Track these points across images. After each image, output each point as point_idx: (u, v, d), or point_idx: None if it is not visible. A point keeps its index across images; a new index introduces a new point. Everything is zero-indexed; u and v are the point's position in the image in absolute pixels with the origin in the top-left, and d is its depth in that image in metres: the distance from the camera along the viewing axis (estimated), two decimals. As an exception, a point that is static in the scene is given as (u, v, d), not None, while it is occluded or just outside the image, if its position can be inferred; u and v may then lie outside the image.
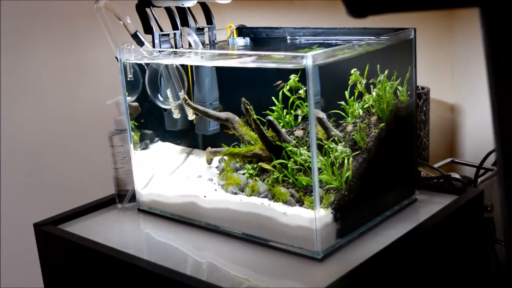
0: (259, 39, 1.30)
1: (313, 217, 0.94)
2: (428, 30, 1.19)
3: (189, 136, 1.23)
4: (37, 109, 1.42)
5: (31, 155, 1.42)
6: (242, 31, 1.32)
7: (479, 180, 1.35)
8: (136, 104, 1.21)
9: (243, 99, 1.04)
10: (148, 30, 1.16)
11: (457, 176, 1.22)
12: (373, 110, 1.04)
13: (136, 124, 1.21)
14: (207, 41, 1.26)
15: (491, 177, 1.36)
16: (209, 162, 1.15)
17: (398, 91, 1.08)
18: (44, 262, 1.18)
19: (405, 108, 1.10)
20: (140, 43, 1.15)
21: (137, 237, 1.14)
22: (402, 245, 0.99)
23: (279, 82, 1.03)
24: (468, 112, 1.57)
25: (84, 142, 1.49)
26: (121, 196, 1.23)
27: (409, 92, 1.10)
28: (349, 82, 1.01)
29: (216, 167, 1.15)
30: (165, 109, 1.21)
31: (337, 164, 0.97)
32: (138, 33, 1.15)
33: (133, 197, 1.22)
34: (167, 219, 1.17)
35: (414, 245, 1.02)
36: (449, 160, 1.46)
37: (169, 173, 1.20)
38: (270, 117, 1.02)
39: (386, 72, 1.04)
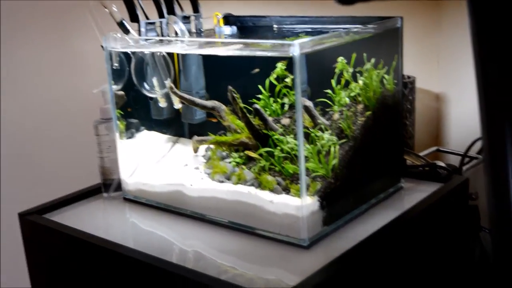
0: (246, 27, 1.30)
1: (299, 205, 0.94)
2: (415, 19, 1.19)
3: (175, 125, 1.22)
4: (22, 98, 1.41)
5: (15, 144, 1.41)
6: (228, 19, 1.31)
7: (464, 168, 1.35)
8: (122, 92, 1.20)
9: (230, 88, 1.04)
10: (134, 18, 1.16)
11: (442, 164, 1.22)
12: (360, 99, 1.04)
13: (122, 113, 1.20)
14: (193, 30, 1.25)
15: (476, 165, 1.37)
16: (196, 150, 1.15)
17: (384, 80, 1.08)
18: (30, 252, 1.18)
19: (391, 97, 1.10)
20: (126, 32, 1.15)
21: (123, 226, 1.14)
22: (388, 232, 1.00)
23: (256, 70, 1.03)
24: (453, 101, 1.58)
25: (70, 131, 1.48)
26: (107, 185, 1.23)
27: (395, 81, 1.10)
28: (336, 70, 1.01)
29: (203, 156, 1.15)
30: (151, 98, 1.20)
31: (324, 152, 0.97)
32: (124, 21, 1.14)
33: (118, 186, 1.22)
34: (153, 208, 1.16)
35: (400, 232, 1.03)
36: (434, 148, 1.46)
37: (155, 162, 1.20)
38: (256, 106, 1.02)
39: (372, 60, 1.04)
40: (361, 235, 0.98)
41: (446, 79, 1.57)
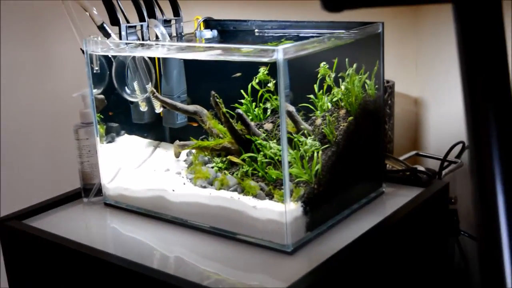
0: (226, 31, 1.30)
1: (283, 211, 0.94)
2: (393, 24, 1.20)
3: (156, 129, 1.22)
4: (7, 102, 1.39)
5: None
6: (209, 23, 1.31)
7: (443, 172, 1.36)
8: (102, 96, 1.19)
9: (213, 92, 1.03)
10: (114, 21, 1.15)
11: (422, 168, 1.23)
12: (342, 104, 1.04)
13: (102, 117, 1.19)
14: (174, 34, 1.25)
15: (454, 170, 1.39)
16: (177, 155, 1.15)
17: (366, 85, 1.08)
18: (8, 258, 1.16)
19: (373, 102, 1.11)
20: (107, 35, 1.14)
21: (103, 231, 1.12)
22: (371, 237, 1.00)
23: (237, 74, 1.03)
24: (431, 106, 1.59)
25: (48, 136, 1.46)
26: (87, 190, 1.21)
27: (376, 86, 1.11)
28: (318, 75, 1.01)
29: (184, 161, 1.15)
30: (131, 102, 1.19)
31: (307, 158, 0.97)
32: (104, 25, 1.13)
33: (99, 191, 1.21)
34: (134, 213, 1.15)
35: (382, 237, 1.03)
36: (413, 153, 1.48)
37: (136, 166, 1.19)
38: (239, 111, 1.02)
39: (354, 65, 1.05)
40: (345, 240, 0.98)
41: (424, 84, 1.58)
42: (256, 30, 1.26)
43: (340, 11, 0.60)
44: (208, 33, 1.27)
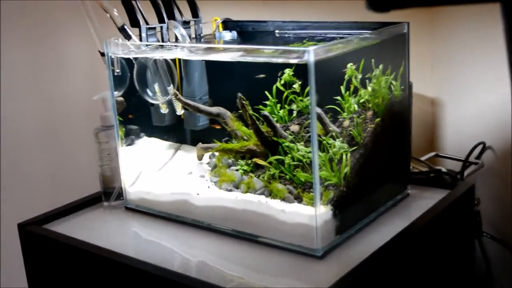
0: (246, 32, 1.28)
1: (313, 214, 0.92)
2: (410, 24, 1.18)
3: (177, 132, 1.20)
4: (16, 104, 1.38)
5: (12, 153, 1.38)
6: (227, 24, 1.29)
7: (465, 173, 1.35)
8: (121, 98, 1.17)
9: (239, 94, 1.02)
10: (134, 23, 1.13)
11: (445, 170, 1.22)
12: (369, 105, 1.03)
13: (122, 119, 1.17)
14: (193, 35, 1.23)
15: (476, 171, 1.37)
16: (200, 158, 1.13)
17: (392, 86, 1.07)
18: (29, 263, 1.14)
19: (399, 103, 1.09)
20: (128, 37, 1.12)
21: (124, 235, 1.11)
22: (401, 241, 0.99)
23: (261, 75, 1.02)
24: (448, 106, 1.58)
25: (67, 139, 1.45)
26: (107, 194, 1.20)
27: (402, 87, 1.09)
28: (345, 76, 0.99)
29: (207, 163, 1.13)
30: (152, 104, 1.18)
31: (335, 160, 0.96)
32: (125, 26, 1.12)
33: (119, 195, 1.19)
34: (155, 217, 1.14)
35: (411, 241, 1.02)
36: (433, 154, 1.46)
37: (157, 169, 1.17)
38: (265, 112, 1.00)
39: (381, 66, 1.03)
40: (373, 244, 0.96)
41: (441, 84, 1.57)
42: (276, 31, 1.24)
43: (387, 11, 0.59)
44: (228, 34, 1.25)
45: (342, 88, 0.99)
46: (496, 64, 1.32)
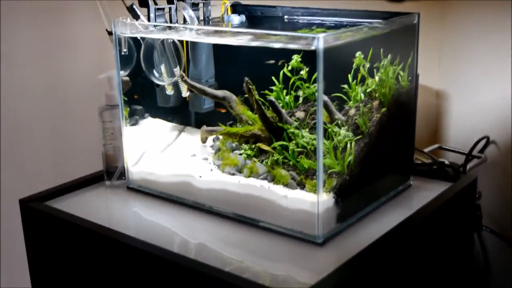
0: (254, 17, 1.28)
1: (315, 201, 0.92)
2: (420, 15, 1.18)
3: (182, 113, 1.20)
4: (22, 81, 1.38)
5: (15, 130, 1.38)
6: (236, 8, 1.29)
7: (468, 167, 1.35)
8: (127, 78, 1.17)
9: (246, 79, 1.01)
10: (143, 3, 1.13)
11: (448, 163, 1.22)
12: (375, 95, 1.03)
13: (126, 99, 1.17)
14: (201, 17, 1.22)
15: (478, 164, 1.37)
16: (204, 141, 1.13)
17: (399, 76, 1.06)
18: (29, 239, 1.15)
19: (405, 94, 1.09)
20: (136, 17, 1.12)
21: (125, 214, 1.11)
22: (401, 231, 0.99)
23: (271, 61, 1.01)
24: (454, 99, 1.57)
25: (71, 116, 1.45)
26: (110, 173, 1.20)
27: (409, 78, 1.09)
28: (353, 65, 0.99)
29: (211, 146, 1.13)
30: (157, 85, 1.18)
31: (340, 148, 0.95)
32: (134, 6, 1.11)
33: (121, 174, 1.19)
34: (157, 197, 1.14)
35: (412, 232, 1.02)
36: (436, 146, 1.46)
37: (161, 150, 1.17)
38: (271, 98, 1.00)
39: (389, 56, 1.03)
40: (374, 233, 0.96)
41: (447, 76, 1.56)
42: (285, 17, 1.24)
43: (401, 1, 0.58)
44: (236, 18, 1.25)
45: (350, 77, 0.99)
46: (503, 60, 1.31)
